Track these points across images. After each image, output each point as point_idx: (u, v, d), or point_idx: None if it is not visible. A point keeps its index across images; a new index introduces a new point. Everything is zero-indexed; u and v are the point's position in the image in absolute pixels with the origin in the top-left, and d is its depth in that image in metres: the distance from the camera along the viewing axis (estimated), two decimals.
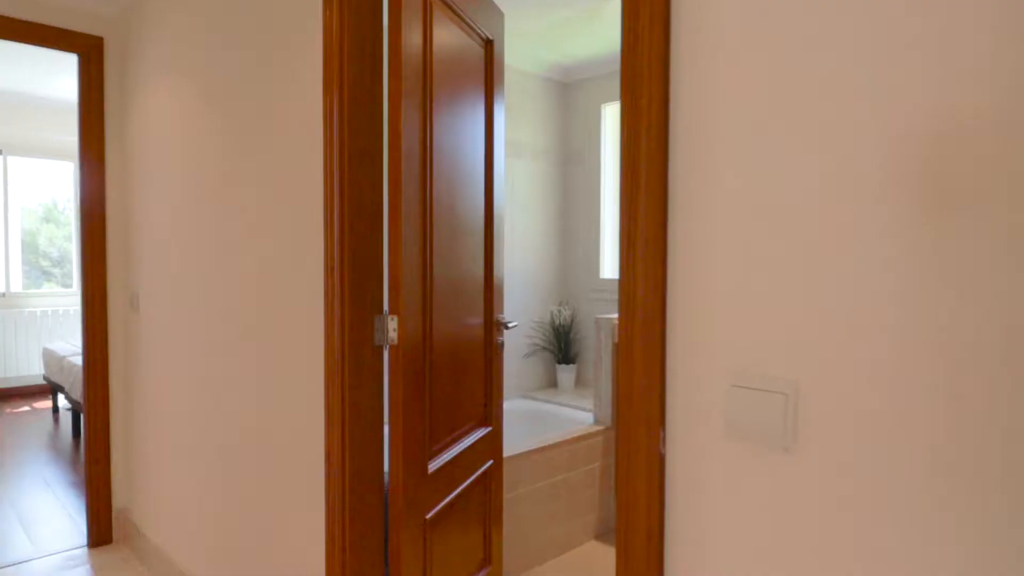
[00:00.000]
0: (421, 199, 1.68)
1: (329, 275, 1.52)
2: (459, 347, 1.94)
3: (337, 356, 1.50)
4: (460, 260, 1.93)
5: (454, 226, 1.88)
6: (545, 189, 3.92)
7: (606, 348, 3.06)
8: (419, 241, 1.64)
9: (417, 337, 1.63)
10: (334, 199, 1.51)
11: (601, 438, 3.03)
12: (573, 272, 4.02)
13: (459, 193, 1.92)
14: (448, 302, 1.84)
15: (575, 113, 3.98)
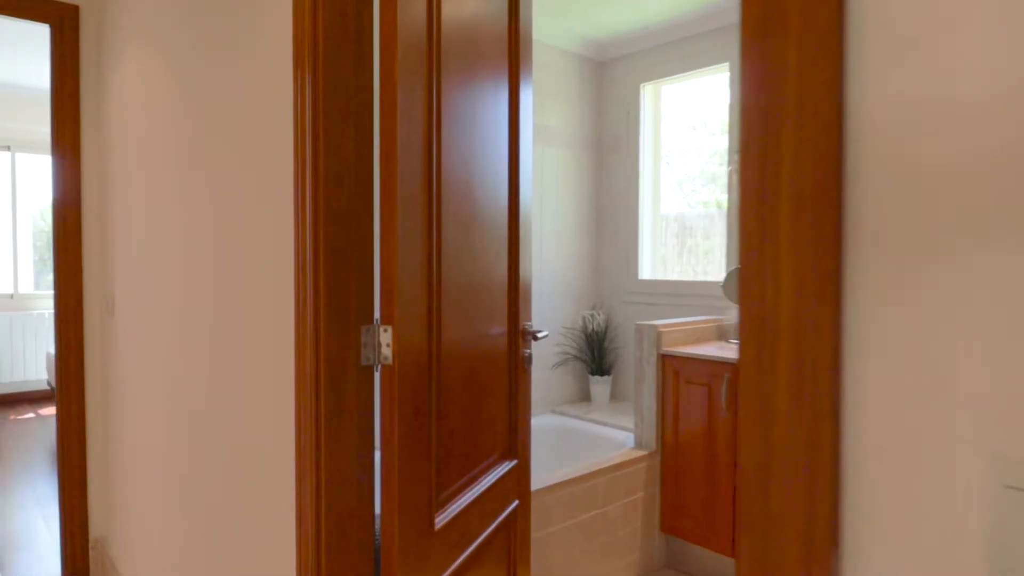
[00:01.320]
0: (425, 175, 1.29)
1: (300, 274, 1.14)
2: (476, 363, 1.54)
3: (309, 387, 1.12)
4: (478, 256, 1.54)
5: (470, 215, 1.49)
6: (577, 179, 3.51)
7: (650, 359, 2.64)
8: (422, 229, 1.25)
9: (419, 353, 1.23)
10: (306, 172, 1.12)
11: (644, 465, 2.60)
12: (607, 272, 3.60)
13: (477, 179, 1.52)
14: (461, 307, 1.45)
15: (610, 94, 3.56)
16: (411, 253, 1.20)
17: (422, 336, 1.26)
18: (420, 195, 1.26)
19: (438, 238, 1.32)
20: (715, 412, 2.47)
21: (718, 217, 3.30)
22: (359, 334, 1.18)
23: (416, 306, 1.23)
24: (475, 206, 1.52)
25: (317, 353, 1.11)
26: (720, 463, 2.45)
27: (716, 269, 3.31)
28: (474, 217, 1.51)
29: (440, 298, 1.34)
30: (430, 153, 1.29)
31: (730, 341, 2.81)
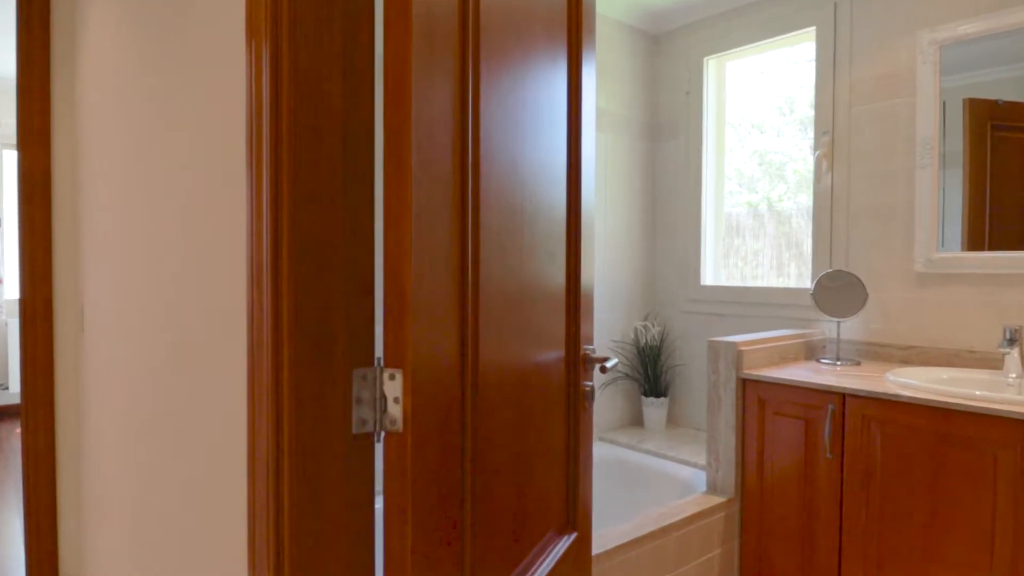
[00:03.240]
0: (456, 139, 0.84)
1: (253, 287, 0.70)
2: (526, 405, 1.09)
3: (264, 480, 0.67)
4: (528, 257, 1.09)
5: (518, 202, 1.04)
6: (629, 169, 3.04)
7: (727, 384, 2.15)
8: (452, 213, 0.81)
9: (448, 406, 0.79)
10: (262, 117, 0.68)
11: (722, 515, 2.12)
12: (663, 277, 3.12)
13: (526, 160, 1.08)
14: (507, 329, 1.00)
15: (667, 72, 3.08)
16: (435, 249, 0.76)
17: (452, 379, 0.80)
18: (447, 164, 0.81)
19: (475, 228, 0.87)
20: (814, 452, 1.98)
21: (768, 216, 2.81)
22: (349, 383, 0.73)
23: (442, 333, 0.78)
24: (524, 192, 1.07)
25: (277, 418, 0.66)
26: (820, 518, 1.96)
27: (766, 272, 2.82)
28: (523, 206, 1.06)
29: (478, 318, 0.89)
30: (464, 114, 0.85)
31: (822, 361, 2.31)
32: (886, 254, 2.35)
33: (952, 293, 2.19)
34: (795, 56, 2.72)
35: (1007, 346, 1.91)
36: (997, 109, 2.13)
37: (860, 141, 2.41)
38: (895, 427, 1.80)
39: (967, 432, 1.67)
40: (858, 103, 2.41)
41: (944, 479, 1.71)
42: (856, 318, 2.37)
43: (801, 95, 2.71)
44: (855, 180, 2.43)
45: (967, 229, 2.14)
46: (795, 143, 2.75)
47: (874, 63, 2.36)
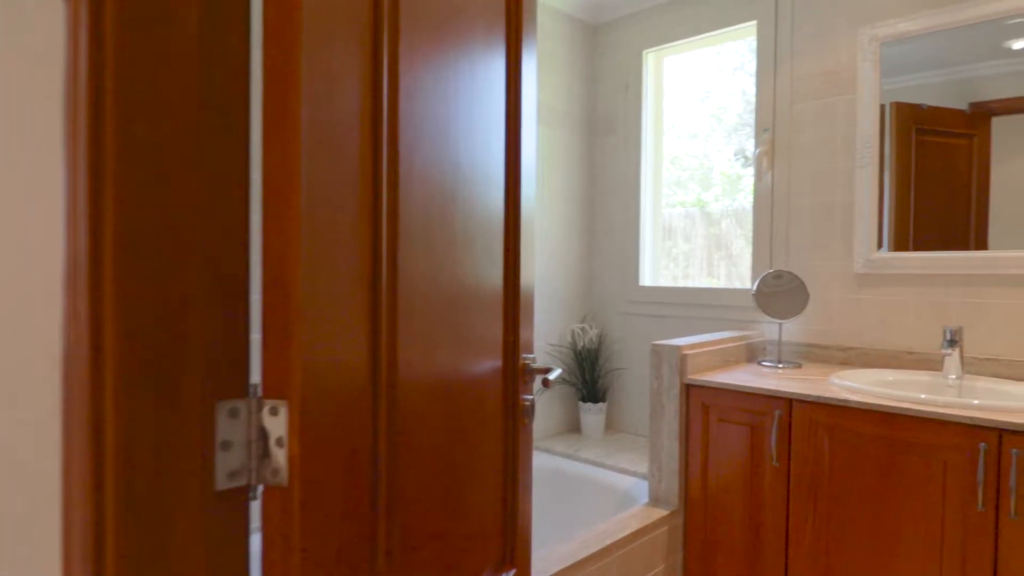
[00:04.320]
0: (367, 112, 0.66)
1: (71, 296, 0.49)
2: (456, 427, 0.91)
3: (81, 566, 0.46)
4: (462, 254, 0.91)
5: (447, 191, 0.86)
6: (567, 164, 2.90)
7: (671, 390, 2.04)
8: (358, 197, 0.62)
9: (353, 445, 0.60)
10: (79, 38, 0.48)
11: (665, 529, 2.00)
12: (602, 277, 3.00)
13: (451, 149, 0.90)
14: (435, 339, 0.82)
15: (607, 64, 2.97)
16: (335, 239, 0.57)
17: (361, 407, 0.62)
18: (352, 131, 0.62)
19: (392, 214, 0.69)
20: (760, 460, 1.89)
21: (699, 218, 2.77)
22: (211, 421, 0.53)
23: (346, 348, 0.59)
24: (457, 175, 0.89)
25: (97, 480, 0.46)
26: (767, 528, 1.87)
27: (696, 274, 2.77)
28: (455, 191, 0.88)
29: (396, 326, 0.70)
30: (377, 73, 0.66)
31: (763, 364, 2.24)
32: (827, 254, 2.31)
33: (891, 293, 2.16)
34: (728, 63, 2.67)
35: (948, 347, 1.88)
36: (921, 113, 2.12)
37: (801, 139, 2.36)
38: (843, 433, 1.73)
39: (915, 437, 1.61)
40: (799, 100, 2.36)
41: (893, 486, 1.65)
42: (796, 319, 2.32)
43: (731, 102, 2.65)
44: (796, 179, 2.38)
45: (894, 230, 2.13)
46: (721, 148, 2.72)
47: (815, 59, 2.32)
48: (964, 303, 2.03)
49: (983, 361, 1.98)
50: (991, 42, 1.96)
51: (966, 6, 1.99)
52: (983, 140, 2.00)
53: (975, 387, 1.85)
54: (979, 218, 2.00)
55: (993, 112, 1.99)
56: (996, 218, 1.97)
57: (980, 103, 2.01)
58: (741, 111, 2.66)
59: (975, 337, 2.01)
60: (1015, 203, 1.94)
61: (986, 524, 1.52)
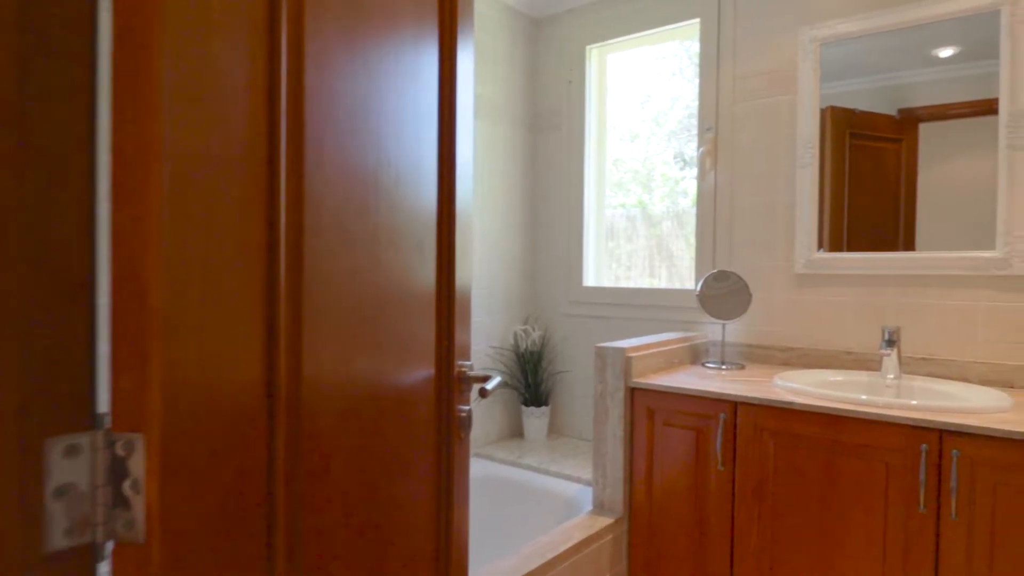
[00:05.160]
0: (262, 75, 0.54)
1: None
2: (379, 450, 0.81)
3: None
4: (389, 251, 0.81)
5: (369, 178, 0.76)
6: (509, 160, 2.81)
7: (615, 394, 1.98)
8: (253, 188, 0.51)
9: (242, 487, 0.48)
10: None
11: (610, 537, 1.94)
12: (544, 278, 2.93)
13: (374, 142, 0.79)
14: (355, 346, 0.71)
15: (551, 59, 2.90)
16: (213, 229, 0.45)
17: (251, 435, 0.50)
18: (238, 97, 0.51)
19: (294, 200, 0.58)
20: (705, 465, 1.85)
21: (641, 219, 2.74)
22: (39, 462, 0.40)
23: (230, 363, 0.48)
24: (381, 160, 0.78)
25: None
26: (712, 534, 1.83)
27: (638, 275, 2.75)
28: (379, 179, 0.77)
29: (301, 334, 0.59)
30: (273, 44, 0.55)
31: (707, 365, 2.21)
32: (769, 254, 2.30)
33: (830, 294, 2.17)
34: (668, 68, 2.64)
35: (886, 347, 1.88)
36: (855, 117, 2.14)
37: (743, 139, 2.35)
38: (787, 436, 1.70)
39: (858, 439, 1.59)
40: (742, 99, 2.35)
41: (836, 488, 1.63)
42: (739, 320, 2.30)
43: (670, 106, 2.63)
44: (738, 178, 2.36)
45: (829, 231, 2.15)
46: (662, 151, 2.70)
47: (758, 59, 2.31)
48: (900, 303, 2.05)
49: (919, 360, 2.00)
50: (920, 50, 1.99)
51: (901, 10, 2.01)
52: (911, 145, 2.03)
53: (913, 387, 1.86)
54: (907, 220, 2.03)
55: (920, 118, 2.02)
56: (922, 220, 2.00)
57: (908, 109, 2.04)
58: (681, 116, 2.64)
59: (910, 337, 2.03)
60: (939, 206, 1.98)
61: (927, 525, 1.51)
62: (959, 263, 1.93)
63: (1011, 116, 1.85)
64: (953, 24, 1.95)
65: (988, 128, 1.90)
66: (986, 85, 1.90)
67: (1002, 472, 1.43)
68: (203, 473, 0.46)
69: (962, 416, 1.50)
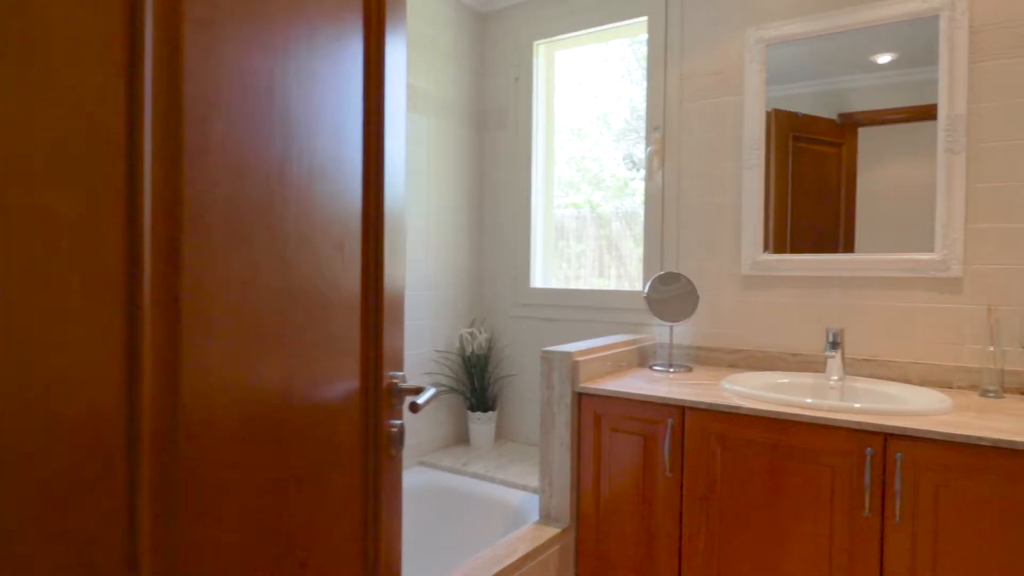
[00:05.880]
0: (118, 33, 0.44)
1: None
2: (287, 470, 0.71)
3: None
4: (301, 252, 0.72)
5: (273, 171, 0.67)
6: (455, 158, 2.73)
7: (562, 400, 1.92)
8: (110, 168, 0.41)
9: (87, 539, 0.39)
10: None
11: (557, 548, 1.88)
12: (491, 279, 2.86)
13: (280, 128, 0.70)
14: (251, 361, 0.62)
15: (497, 55, 2.83)
16: (29, 220, 0.36)
17: (107, 471, 0.41)
18: (80, 60, 0.41)
19: (166, 197, 0.48)
20: (653, 471, 1.81)
21: (590, 219, 2.71)
22: None
23: (69, 388, 0.38)
24: (284, 162, 0.69)
25: None
26: (660, 542, 1.79)
27: (588, 275, 2.71)
28: (282, 180, 0.68)
29: (180, 348, 0.50)
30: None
31: (655, 368, 2.18)
32: (716, 256, 2.28)
33: (776, 296, 2.17)
34: (616, 70, 2.61)
35: (830, 349, 1.88)
36: (797, 121, 2.15)
37: (691, 139, 2.32)
38: (735, 441, 1.68)
39: (804, 443, 1.58)
40: (689, 99, 2.32)
41: (783, 493, 1.61)
42: (687, 321, 2.28)
43: (618, 106, 2.60)
44: (686, 179, 2.34)
45: (774, 233, 2.16)
46: (611, 151, 2.66)
47: (705, 58, 2.29)
48: (843, 305, 2.06)
49: (861, 362, 2.01)
50: (860, 56, 2.01)
51: (845, 13, 2.02)
52: (851, 149, 2.05)
53: (856, 389, 1.86)
54: (847, 223, 2.05)
55: (860, 123, 2.04)
56: (862, 223, 2.02)
57: (848, 114, 2.06)
58: (629, 117, 2.61)
59: (853, 338, 2.04)
60: (877, 209, 2.00)
61: (872, 529, 1.50)
62: (899, 265, 1.95)
63: (949, 120, 1.87)
64: (891, 31, 1.97)
65: (924, 133, 1.92)
66: (922, 91, 1.92)
67: (944, 475, 1.43)
68: (36, 529, 0.36)
69: (905, 419, 1.50)
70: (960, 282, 1.89)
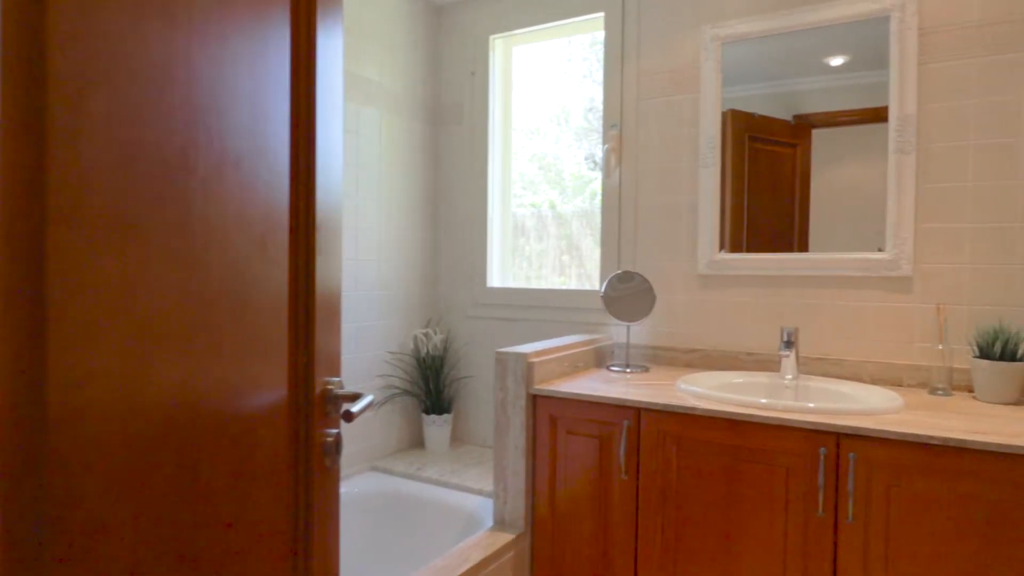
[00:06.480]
0: None
1: None
2: (196, 488, 0.64)
3: None
4: (208, 253, 0.65)
5: (177, 166, 0.59)
6: (409, 154, 2.65)
7: (516, 402, 1.87)
8: None
9: None
10: None
11: (511, 554, 1.82)
12: (447, 278, 2.79)
13: (182, 108, 0.63)
14: (147, 371, 0.55)
15: (453, 49, 2.76)
16: None
17: None
18: None
19: (25, 185, 0.41)
20: (609, 474, 1.77)
21: (550, 218, 2.67)
22: None
23: None
24: (187, 147, 0.62)
25: None
26: (616, 546, 1.76)
27: (548, 275, 2.67)
28: (187, 167, 0.61)
29: (46, 358, 0.43)
30: None
31: (611, 368, 2.15)
32: (673, 255, 2.26)
33: (732, 295, 2.16)
34: (577, 70, 2.57)
35: (785, 348, 1.88)
36: (753, 121, 2.15)
37: (648, 137, 2.30)
38: (690, 442, 1.65)
39: (759, 444, 1.56)
40: (646, 96, 2.30)
41: (739, 494, 1.59)
42: (644, 321, 2.25)
43: (578, 105, 2.56)
44: (643, 177, 2.32)
45: (730, 232, 2.15)
46: (571, 150, 2.62)
47: (662, 56, 2.27)
48: (797, 304, 2.06)
49: (815, 360, 2.01)
50: (814, 58, 2.02)
51: (799, 12, 2.02)
52: (805, 150, 2.06)
53: (810, 388, 1.86)
54: (801, 223, 2.05)
55: (814, 124, 2.05)
56: (816, 223, 2.03)
57: (803, 115, 2.06)
58: (591, 117, 2.57)
59: (807, 337, 2.04)
60: (831, 209, 2.01)
61: (826, 530, 1.49)
62: (852, 264, 1.96)
63: (899, 121, 1.89)
64: (843, 33, 1.97)
65: (876, 135, 1.94)
66: (874, 94, 1.94)
67: (895, 474, 1.42)
68: None
69: (858, 418, 1.49)
70: (910, 281, 1.90)
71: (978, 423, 1.46)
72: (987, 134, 1.81)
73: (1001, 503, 1.33)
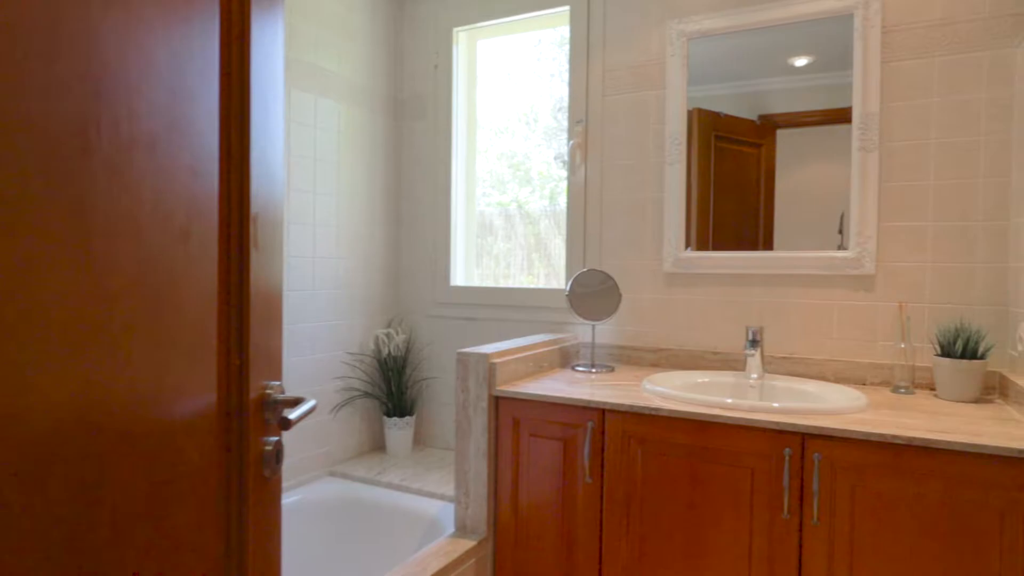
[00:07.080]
0: None
1: None
2: (97, 513, 0.57)
3: None
4: (110, 244, 0.57)
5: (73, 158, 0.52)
6: (370, 148, 2.57)
7: (478, 404, 1.81)
8: None
9: None
10: None
11: (473, 561, 1.77)
12: (409, 277, 2.72)
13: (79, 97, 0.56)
14: (31, 372, 0.47)
15: (416, 40, 2.69)
16: None
17: None
18: None
19: None
20: (573, 477, 1.72)
21: (518, 217, 2.62)
22: None
23: None
24: (86, 123, 0.55)
25: None
26: (580, 551, 1.71)
27: (516, 273, 2.62)
28: (84, 149, 0.54)
29: None
30: None
31: (577, 369, 2.10)
32: (639, 253, 2.23)
33: (697, 293, 2.13)
34: (545, 69, 2.52)
35: (750, 347, 1.86)
36: (719, 121, 2.13)
37: (614, 133, 2.26)
38: (655, 444, 1.61)
39: (724, 445, 1.53)
40: (612, 92, 2.26)
41: (704, 496, 1.56)
42: (610, 320, 2.22)
43: (546, 103, 2.52)
44: (609, 174, 2.28)
45: (696, 230, 2.13)
46: (539, 148, 2.57)
47: (627, 51, 2.23)
48: (763, 303, 2.04)
49: (780, 359, 2.00)
50: (779, 58, 2.01)
51: (763, 8, 2.00)
52: (769, 150, 2.05)
53: (775, 387, 1.84)
54: (766, 221, 2.04)
55: (778, 125, 2.04)
56: (781, 222, 2.02)
57: (768, 115, 2.05)
58: (559, 116, 2.52)
59: (773, 336, 2.03)
60: (794, 208, 2.00)
61: (791, 531, 1.47)
62: (816, 263, 1.95)
63: (863, 118, 1.88)
64: (808, 33, 1.96)
65: (840, 136, 1.93)
66: (838, 95, 1.93)
67: (859, 474, 1.40)
68: None
69: (822, 418, 1.47)
70: (873, 279, 1.90)
71: (940, 422, 1.45)
72: (949, 132, 1.81)
73: (964, 502, 1.32)
